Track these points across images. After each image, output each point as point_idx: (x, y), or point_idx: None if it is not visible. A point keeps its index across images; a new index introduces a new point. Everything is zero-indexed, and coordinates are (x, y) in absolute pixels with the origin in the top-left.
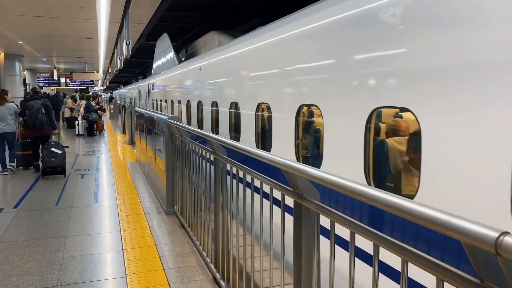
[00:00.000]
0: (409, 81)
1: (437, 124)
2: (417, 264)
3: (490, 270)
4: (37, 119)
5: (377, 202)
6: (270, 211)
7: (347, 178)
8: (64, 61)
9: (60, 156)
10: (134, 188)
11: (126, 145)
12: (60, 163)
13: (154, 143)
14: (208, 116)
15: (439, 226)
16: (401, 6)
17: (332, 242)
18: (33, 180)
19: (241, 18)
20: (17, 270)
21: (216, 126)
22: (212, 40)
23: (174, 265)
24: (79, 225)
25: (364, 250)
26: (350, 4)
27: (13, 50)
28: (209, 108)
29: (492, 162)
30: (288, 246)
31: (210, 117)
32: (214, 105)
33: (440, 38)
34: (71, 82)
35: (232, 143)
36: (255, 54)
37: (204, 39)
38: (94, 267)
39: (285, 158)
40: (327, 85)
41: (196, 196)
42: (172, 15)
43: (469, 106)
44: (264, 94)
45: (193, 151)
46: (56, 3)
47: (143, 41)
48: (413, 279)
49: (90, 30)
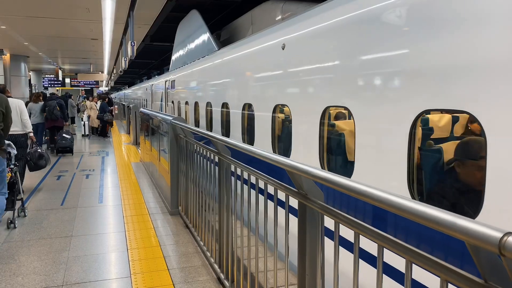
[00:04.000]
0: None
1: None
2: (422, 265)
3: (494, 270)
4: (53, 114)
5: (381, 203)
6: (275, 212)
7: (351, 179)
8: (69, 62)
9: (69, 140)
10: (139, 188)
11: (130, 145)
12: (69, 144)
13: (159, 143)
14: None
15: (443, 226)
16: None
17: (336, 243)
18: (39, 181)
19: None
20: (22, 270)
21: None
22: (269, 13)
23: (179, 265)
24: (84, 225)
25: (367, 251)
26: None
27: (19, 51)
28: (316, 117)
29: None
30: (292, 247)
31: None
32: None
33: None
34: (76, 82)
35: (237, 144)
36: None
37: (255, 13)
38: (99, 267)
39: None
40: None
41: (200, 197)
42: (177, 16)
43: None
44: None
45: (197, 152)
46: (62, 5)
47: (148, 42)
48: (417, 280)
49: (95, 31)
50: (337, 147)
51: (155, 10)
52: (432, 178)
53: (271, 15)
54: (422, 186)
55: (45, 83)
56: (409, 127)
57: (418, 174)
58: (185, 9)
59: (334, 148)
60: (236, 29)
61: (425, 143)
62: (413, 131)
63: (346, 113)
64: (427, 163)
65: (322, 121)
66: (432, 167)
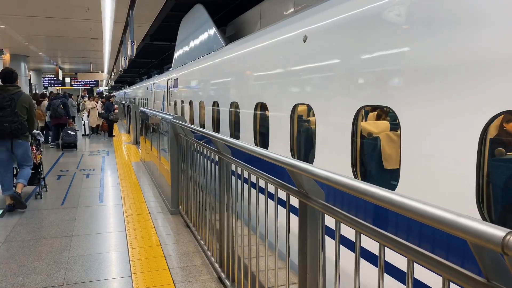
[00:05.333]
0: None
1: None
2: (424, 263)
3: (497, 269)
4: (57, 112)
5: (382, 202)
6: (275, 211)
7: (352, 178)
8: (69, 61)
9: (74, 136)
10: (139, 187)
11: (131, 145)
12: (73, 140)
13: (159, 143)
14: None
15: (445, 225)
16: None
17: (337, 242)
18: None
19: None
20: (23, 269)
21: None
22: (280, 6)
23: (179, 265)
24: (84, 224)
25: (369, 250)
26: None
27: (19, 51)
28: (347, 119)
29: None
30: (293, 246)
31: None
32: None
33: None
34: (76, 82)
35: (237, 143)
36: None
37: (264, 7)
38: (99, 267)
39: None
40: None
41: (201, 196)
42: (177, 15)
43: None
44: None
45: (197, 151)
46: (61, 4)
47: (148, 41)
48: (418, 279)
49: (95, 31)
50: (377, 156)
51: (155, 9)
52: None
53: (283, 8)
54: (494, 204)
55: (45, 82)
56: (480, 132)
57: (490, 190)
58: (185, 7)
59: (372, 157)
60: (242, 24)
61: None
62: (484, 137)
63: (388, 113)
64: (499, 174)
65: (355, 123)
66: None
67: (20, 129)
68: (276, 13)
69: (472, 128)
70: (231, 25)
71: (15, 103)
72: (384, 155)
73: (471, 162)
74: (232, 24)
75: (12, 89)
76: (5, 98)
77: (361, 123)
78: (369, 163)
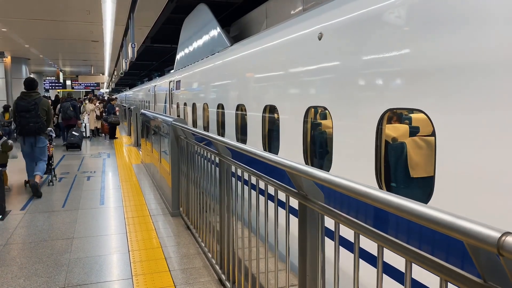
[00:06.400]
0: None
1: None
2: (421, 264)
3: (493, 270)
4: (67, 114)
5: (380, 204)
6: (275, 213)
7: (351, 180)
8: (70, 64)
9: (78, 137)
10: (140, 190)
11: (131, 147)
12: (77, 141)
13: (160, 145)
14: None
15: (442, 226)
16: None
17: (336, 243)
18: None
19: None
20: (24, 272)
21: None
22: (287, 5)
23: (180, 267)
24: (85, 227)
25: (367, 251)
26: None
27: (20, 54)
28: (370, 123)
29: None
30: (293, 247)
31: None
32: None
33: None
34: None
35: (237, 145)
36: None
37: (271, 6)
38: (100, 269)
39: None
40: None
41: (201, 198)
42: (178, 17)
43: None
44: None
45: (198, 153)
46: (62, 7)
47: (149, 43)
48: (417, 280)
49: (96, 33)
50: (405, 165)
51: (156, 11)
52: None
53: (290, 7)
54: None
55: (46, 85)
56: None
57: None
58: (186, 9)
59: (400, 166)
60: (247, 24)
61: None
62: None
63: (422, 117)
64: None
65: (380, 128)
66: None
67: (42, 128)
68: (284, 11)
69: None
70: (235, 26)
71: (38, 107)
72: (426, 166)
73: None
74: (236, 24)
75: (34, 95)
76: (30, 102)
77: (385, 127)
78: (400, 174)
